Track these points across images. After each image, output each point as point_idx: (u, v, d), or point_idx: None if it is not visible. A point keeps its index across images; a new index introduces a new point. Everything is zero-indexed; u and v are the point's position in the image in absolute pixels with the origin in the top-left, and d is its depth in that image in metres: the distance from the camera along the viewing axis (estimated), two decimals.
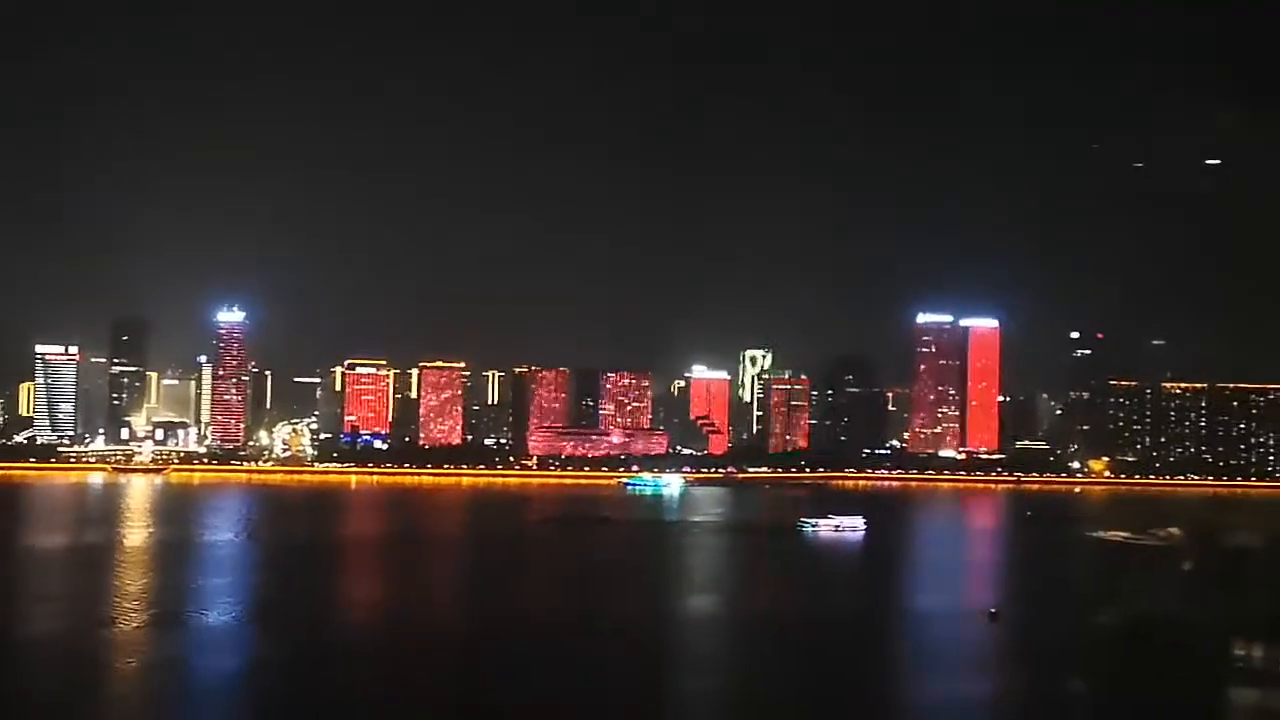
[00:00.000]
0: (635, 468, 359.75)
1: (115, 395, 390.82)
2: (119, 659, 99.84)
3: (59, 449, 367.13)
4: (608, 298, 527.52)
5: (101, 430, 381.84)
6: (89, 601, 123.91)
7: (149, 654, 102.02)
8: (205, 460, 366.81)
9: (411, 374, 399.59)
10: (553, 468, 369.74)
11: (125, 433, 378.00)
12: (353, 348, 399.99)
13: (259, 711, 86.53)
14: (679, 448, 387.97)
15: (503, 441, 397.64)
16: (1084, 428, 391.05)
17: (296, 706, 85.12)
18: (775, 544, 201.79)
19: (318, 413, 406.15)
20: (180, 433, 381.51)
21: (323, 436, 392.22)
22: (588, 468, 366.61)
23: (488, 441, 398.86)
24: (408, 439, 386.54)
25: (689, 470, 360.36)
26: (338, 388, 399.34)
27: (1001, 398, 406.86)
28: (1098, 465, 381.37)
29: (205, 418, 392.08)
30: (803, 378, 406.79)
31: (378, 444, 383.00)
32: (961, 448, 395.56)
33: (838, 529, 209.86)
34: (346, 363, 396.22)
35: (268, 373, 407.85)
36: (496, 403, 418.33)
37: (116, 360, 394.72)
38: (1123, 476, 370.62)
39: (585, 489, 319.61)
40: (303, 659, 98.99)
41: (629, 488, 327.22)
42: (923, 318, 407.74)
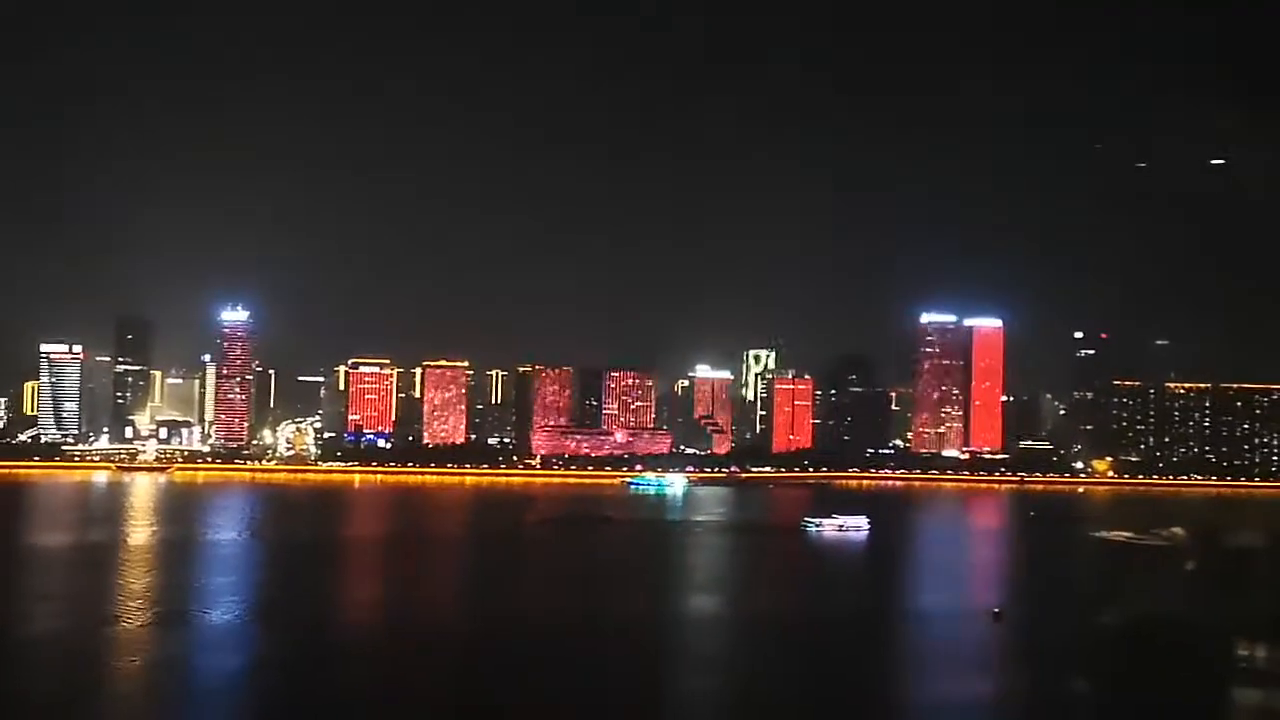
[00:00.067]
0: (639, 467, 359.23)
1: (119, 394, 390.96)
2: (122, 657, 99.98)
3: (63, 448, 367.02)
4: (610, 297, 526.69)
5: (105, 429, 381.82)
6: (93, 600, 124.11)
7: (152, 653, 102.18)
8: (209, 459, 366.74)
9: (415, 373, 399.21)
10: (556, 467, 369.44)
11: (129, 431, 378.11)
12: (356, 347, 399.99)
13: (261, 710, 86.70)
14: (682, 447, 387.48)
15: (506, 441, 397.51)
16: (1087, 428, 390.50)
17: (298, 706, 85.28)
18: (778, 544, 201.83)
19: (321, 412, 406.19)
20: (184, 431, 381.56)
21: (326, 435, 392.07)
22: (591, 467, 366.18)
23: (491, 441, 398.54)
24: (411, 438, 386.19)
25: (692, 470, 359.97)
26: (341, 387, 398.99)
27: (1005, 397, 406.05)
28: (1101, 465, 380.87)
29: (209, 416, 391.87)
30: (806, 377, 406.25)
31: (381, 443, 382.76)
32: (965, 448, 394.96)
33: (841, 529, 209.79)
34: (350, 362, 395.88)
35: (271, 372, 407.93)
36: (500, 402, 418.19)
37: (121, 359, 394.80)
38: (1126, 476, 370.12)
39: (588, 488, 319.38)
40: (305, 658, 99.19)
41: (632, 487, 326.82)
42: (926, 317, 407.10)
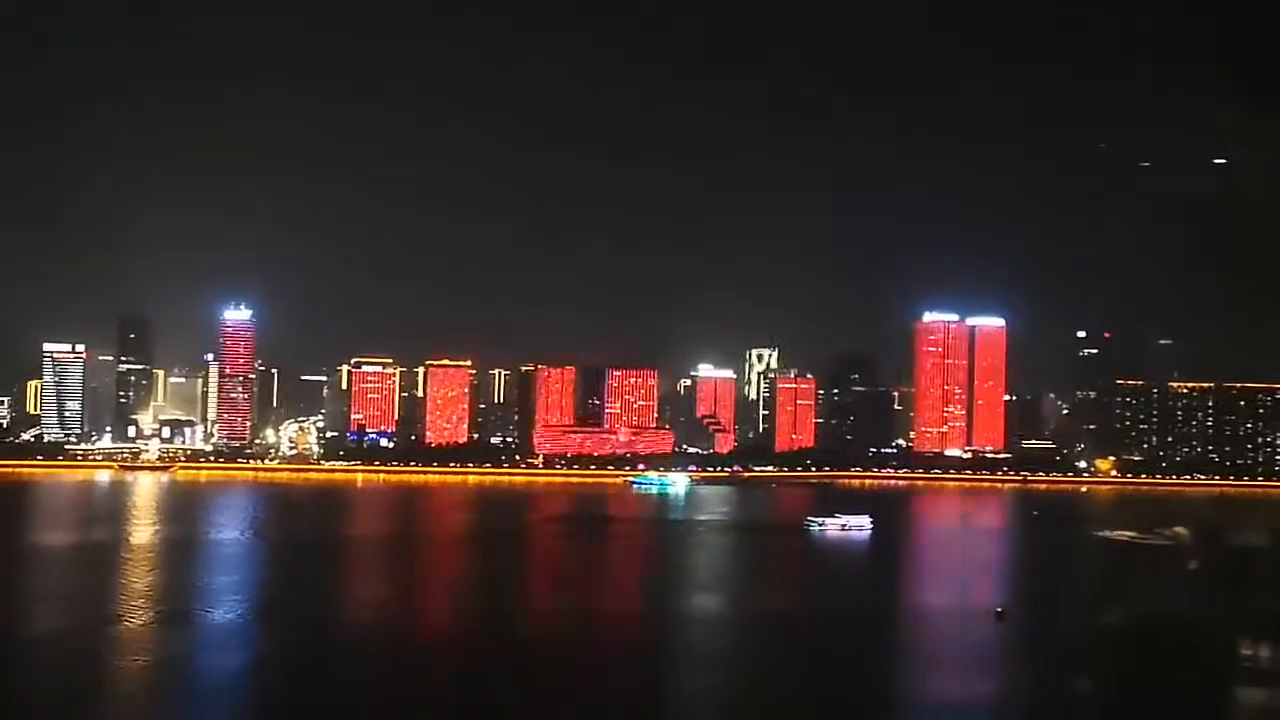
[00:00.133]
0: (641, 466, 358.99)
1: (122, 393, 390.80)
2: (125, 656, 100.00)
3: (66, 447, 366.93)
4: (610, 297, 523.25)
5: (108, 428, 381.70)
6: (95, 599, 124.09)
7: (155, 651, 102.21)
8: (211, 458, 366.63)
9: (418, 372, 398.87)
10: (558, 466, 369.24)
11: (132, 431, 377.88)
12: (358, 346, 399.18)
13: (264, 710, 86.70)
14: (685, 446, 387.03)
15: (509, 440, 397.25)
16: (1090, 427, 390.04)
17: (301, 705, 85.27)
18: (781, 543, 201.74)
19: (324, 411, 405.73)
20: (187, 431, 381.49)
21: (329, 435, 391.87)
22: (593, 466, 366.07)
23: (494, 440, 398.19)
24: (414, 437, 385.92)
25: (695, 469, 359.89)
26: (344, 386, 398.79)
27: (1008, 397, 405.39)
28: (1104, 464, 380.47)
29: (212, 416, 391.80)
30: (809, 376, 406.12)
31: (384, 442, 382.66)
32: (968, 447, 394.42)
33: (844, 528, 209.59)
34: (353, 361, 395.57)
35: (274, 371, 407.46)
36: (502, 401, 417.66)
37: (123, 359, 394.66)
38: (1129, 476, 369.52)
39: (591, 488, 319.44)
40: (308, 657, 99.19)
41: (635, 486, 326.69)
42: (928, 316, 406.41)
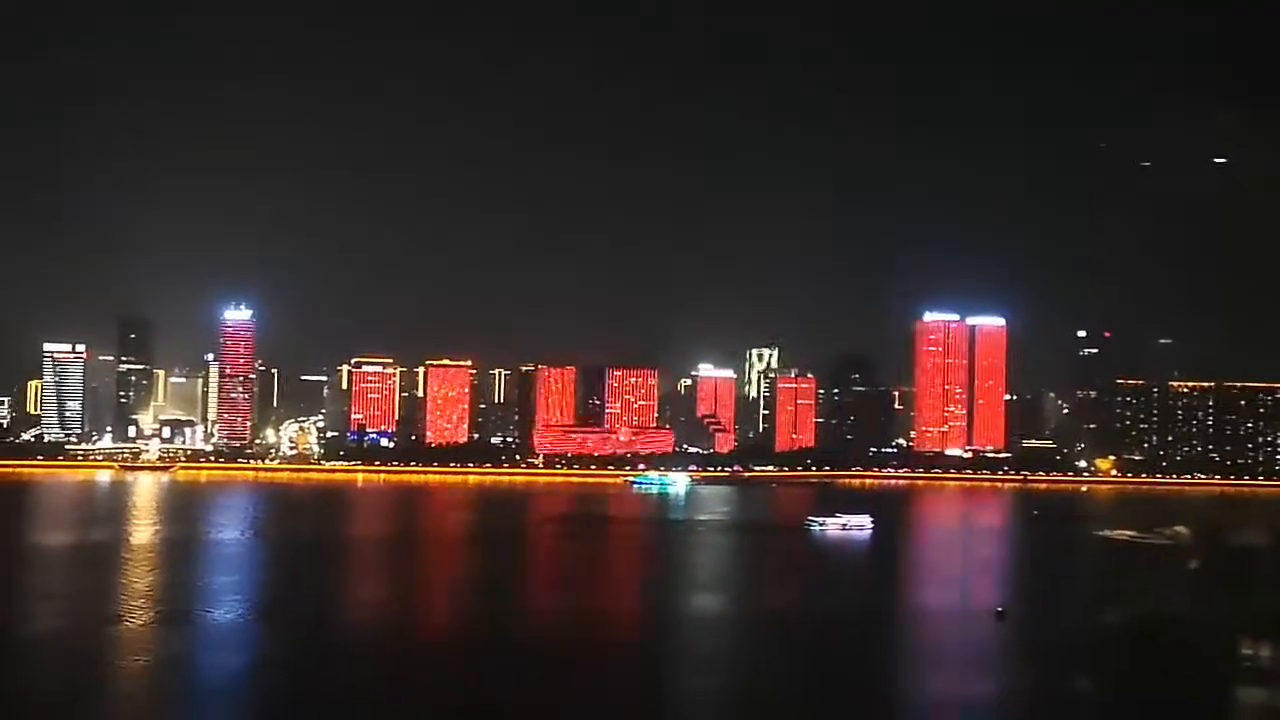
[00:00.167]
0: (641, 466, 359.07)
1: (122, 393, 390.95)
2: (126, 656, 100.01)
3: (66, 447, 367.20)
4: (610, 297, 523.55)
5: (109, 428, 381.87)
6: (96, 599, 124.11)
7: (156, 652, 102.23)
8: (212, 458, 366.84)
9: (418, 372, 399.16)
10: (559, 466, 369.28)
11: (132, 431, 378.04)
12: (358, 346, 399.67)
13: (265, 710, 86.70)
14: (685, 446, 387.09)
15: (509, 440, 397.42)
16: (1091, 426, 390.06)
17: (301, 705, 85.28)
18: (782, 543, 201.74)
19: (324, 411, 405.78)
20: (187, 431, 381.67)
21: (329, 435, 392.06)
22: (594, 466, 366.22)
23: (494, 440, 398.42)
24: (414, 437, 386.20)
25: (695, 469, 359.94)
26: (344, 386, 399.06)
27: (1008, 396, 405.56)
28: (1104, 464, 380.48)
29: (212, 416, 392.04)
30: (809, 376, 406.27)
31: (384, 442, 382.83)
32: (968, 446, 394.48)
33: (845, 528, 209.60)
34: (353, 361, 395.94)
35: (274, 371, 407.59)
36: (503, 401, 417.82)
37: (124, 358, 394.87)
38: (1129, 475, 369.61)
39: (591, 487, 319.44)
40: (308, 657, 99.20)
41: (635, 486, 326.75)
42: (928, 316, 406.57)
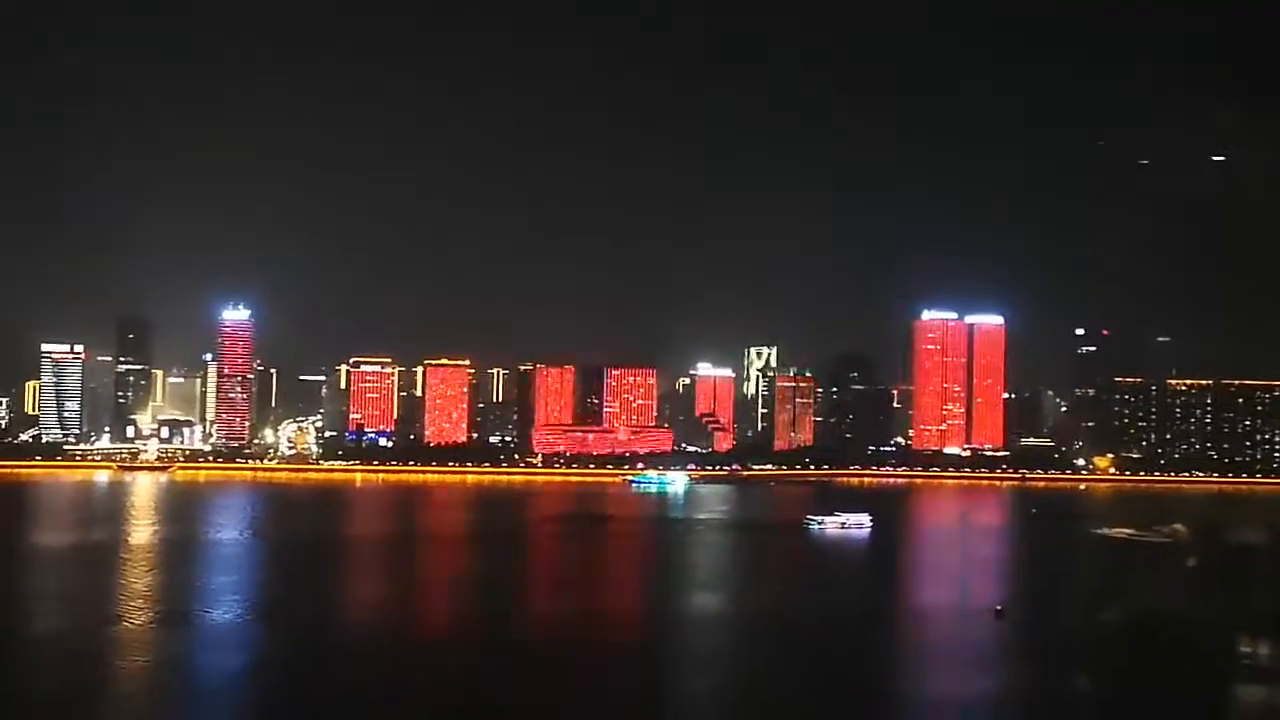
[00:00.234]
0: (640, 465, 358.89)
1: (121, 393, 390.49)
2: (125, 657, 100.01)
3: (65, 447, 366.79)
4: (610, 296, 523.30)
5: (107, 428, 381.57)
6: (95, 599, 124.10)
7: (155, 652, 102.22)
8: (210, 458, 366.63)
9: (416, 372, 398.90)
10: (557, 465, 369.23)
11: (130, 431, 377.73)
12: (357, 346, 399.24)
13: (264, 710, 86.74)
14: (684, 445, 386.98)
15: (508, 439, 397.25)
16: (1089, 424, 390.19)
17: (300, 705, 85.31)
18: (781, 541, 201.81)
19: (323, 410, 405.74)
20: (185, 431, 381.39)
21: (328, 434, 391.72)
22: (593, 465, 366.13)
23: (493, 439, 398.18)
24: (413, 437, 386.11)
25: (694, 468, 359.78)
26: (343, 385, 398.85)
27: (1006, 394, 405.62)
28: (1103, 462, 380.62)
29: (210, 416, 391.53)
30: (807, 375, 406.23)
31: (383, 442, 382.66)
32: (966, 445, 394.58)
33: (844, 526, 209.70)
34: (351, 360, 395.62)
35: (273, 371, 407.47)
36: (501, 400, 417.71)
37: (122, 359, 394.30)
38: (1128, 473, 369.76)
39: (590, 487, 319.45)
40: (307, 658, 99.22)
41: (634, 485, 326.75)
42: (927, 314, 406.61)
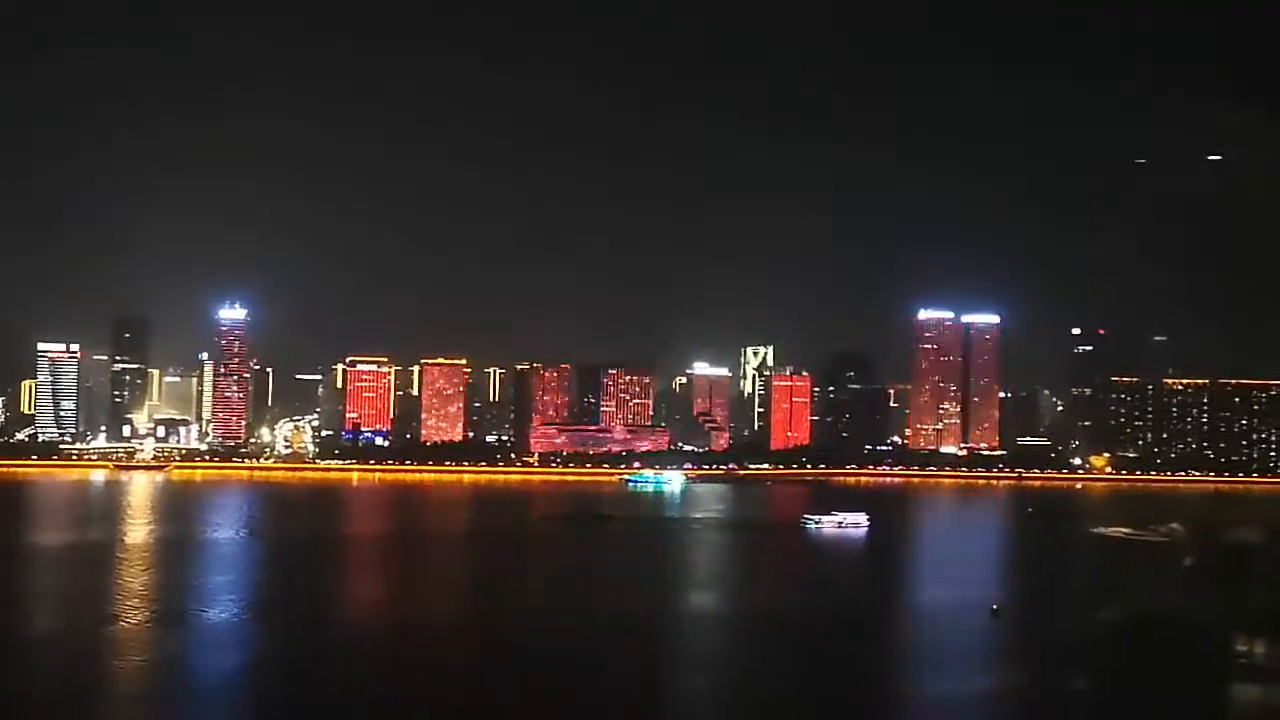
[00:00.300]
0: (637, 465, 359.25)
1: (117, 393, 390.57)
2: (122, 656, 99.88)
3: (61, 446, 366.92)
4: (610, 297, 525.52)
5: (103, 428, 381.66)
6: (91, 599, 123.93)
7: (152, 651, 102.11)
8: (207, 457, 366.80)
9: (413, 371, 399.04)
10: (554, 465, 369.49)
11: (127, 430, 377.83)
12: (354, 345, 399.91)
13: (261, 709, 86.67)
14: (680, 444, 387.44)
15: (504, 439, 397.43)
16: (1085, 424, 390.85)
17: (298, 705, 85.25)
18: (777, 541, 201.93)
19: (319, 410, 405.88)
20: (182, 430, 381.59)
21: (324, 433, 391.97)
22: (589, 465, 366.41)
23: (489, 438, 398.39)
24: (409, 436, 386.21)
25: (690, 467, 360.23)
26: (339, 385, 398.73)
27: (1003, 394, 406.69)
28: (1099, 461, 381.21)
29: (207, 415, 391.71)
30: (804, 374, 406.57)
31: (379, 441, 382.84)
32: (963, 444, 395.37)
33: (840, 525, 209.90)
34: (348, 360, 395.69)
35: (269, 370, 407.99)
36: (498, 400, 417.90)
37: (118, 358, 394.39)
38: (1124, 472, 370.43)
39: (587, 486, 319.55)
40: (304, 657, 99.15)
41: (630, 485, 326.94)
42: (924, 314, 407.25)
